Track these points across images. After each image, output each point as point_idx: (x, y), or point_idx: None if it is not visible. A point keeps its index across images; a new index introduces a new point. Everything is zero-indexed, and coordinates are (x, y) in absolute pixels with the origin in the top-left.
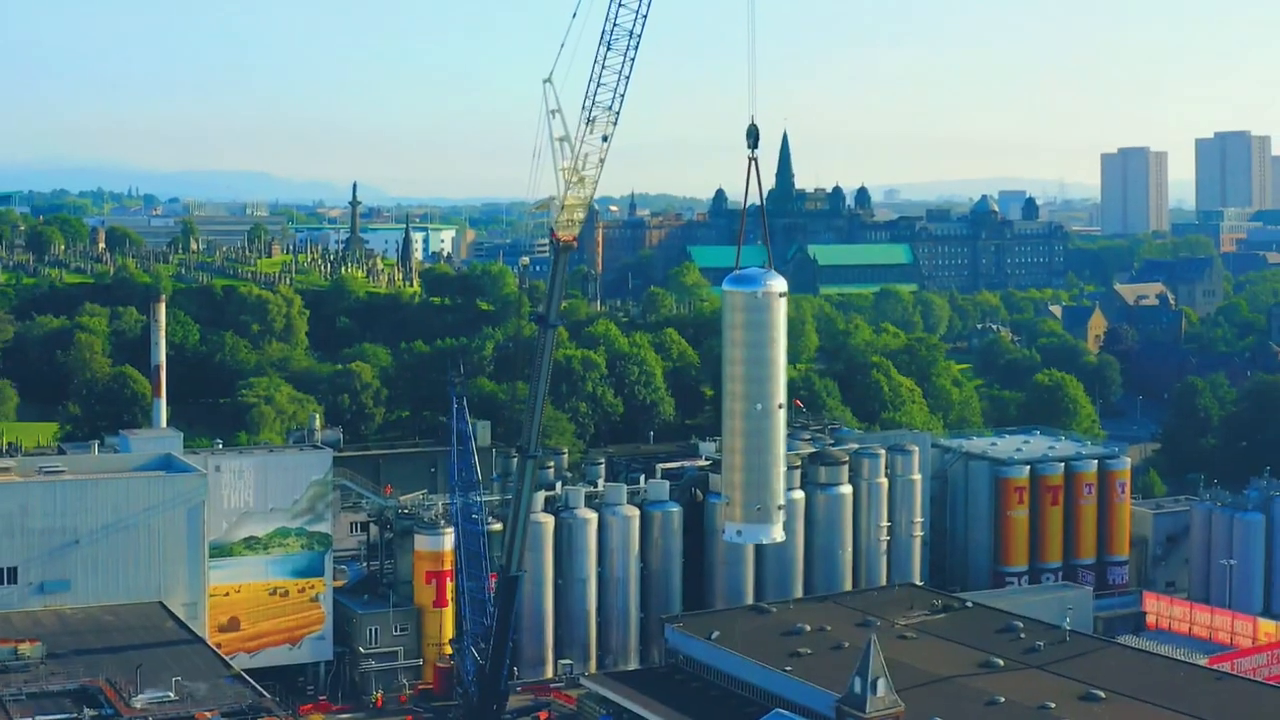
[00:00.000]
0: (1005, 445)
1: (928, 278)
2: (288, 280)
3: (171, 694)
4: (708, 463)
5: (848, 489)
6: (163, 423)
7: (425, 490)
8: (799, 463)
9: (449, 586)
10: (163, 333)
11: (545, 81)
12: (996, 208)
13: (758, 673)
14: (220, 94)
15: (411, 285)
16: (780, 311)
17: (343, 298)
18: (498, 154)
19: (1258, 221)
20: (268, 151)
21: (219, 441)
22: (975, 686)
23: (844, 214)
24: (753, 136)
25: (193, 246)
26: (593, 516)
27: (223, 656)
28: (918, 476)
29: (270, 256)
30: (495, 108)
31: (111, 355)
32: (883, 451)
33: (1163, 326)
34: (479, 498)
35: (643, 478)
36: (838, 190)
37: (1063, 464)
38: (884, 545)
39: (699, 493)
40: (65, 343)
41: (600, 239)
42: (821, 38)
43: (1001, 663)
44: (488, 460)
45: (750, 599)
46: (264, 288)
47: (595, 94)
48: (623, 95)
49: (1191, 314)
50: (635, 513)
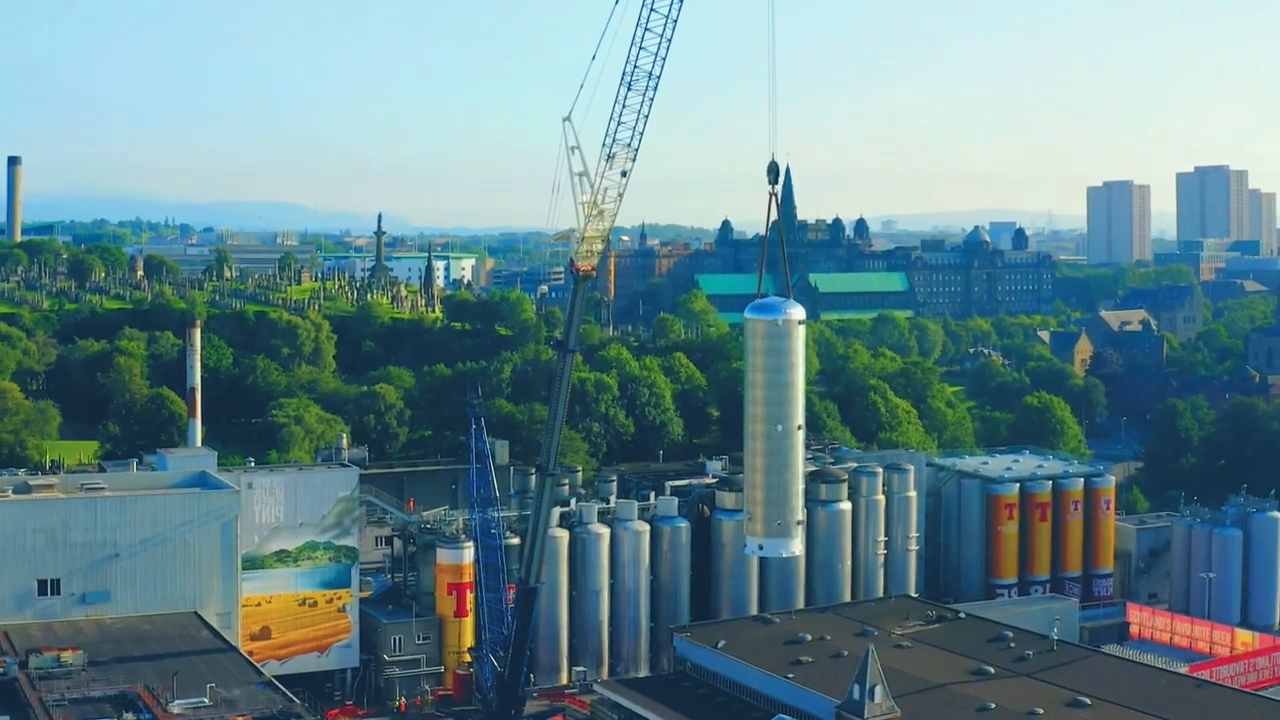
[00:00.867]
0: (996, 464)
1: (923, 304)
2: (316, 306)
3: (206, 700)
4: (714, 480)
5: (847, 505)
6: (198, 442)
7: (446, 506)
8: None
9: (469, 598)
10: (198, 356)
11: (565, 120)
12: (988, 238)
13: (762, 680)
14: (252, 129)
15: (433, 311)
16: (799, 338)
17: (368, 323)
18: (515, 187)
19: (1235, 251)
20: (298, 183)
21: (251, 460)
22: (967, 694)
23: (843, 244)
24: (773, 173)
25: (226, 274)
26: (605, 531)
27: (255, 664)
28: (913, 494)
29: (300, 284)
30: (513, 143)
31: (149, 378)
32: (880, 470)
33: (1145, 351)
34: (497, 514)
35: (653, 495)
36: (838, 221)
37: (1051, 482)
38: (881, 559)
39: (706, 509)
40: (105, 366)
41: (613, 267)
42: (823, 79)
43: (992, 671)
44: (506, 478)
45: (754, 610)
46: (294, 313)
47: (615, 132)
48: (641, 133)
49: (1173, 339)
50: (645, 528)
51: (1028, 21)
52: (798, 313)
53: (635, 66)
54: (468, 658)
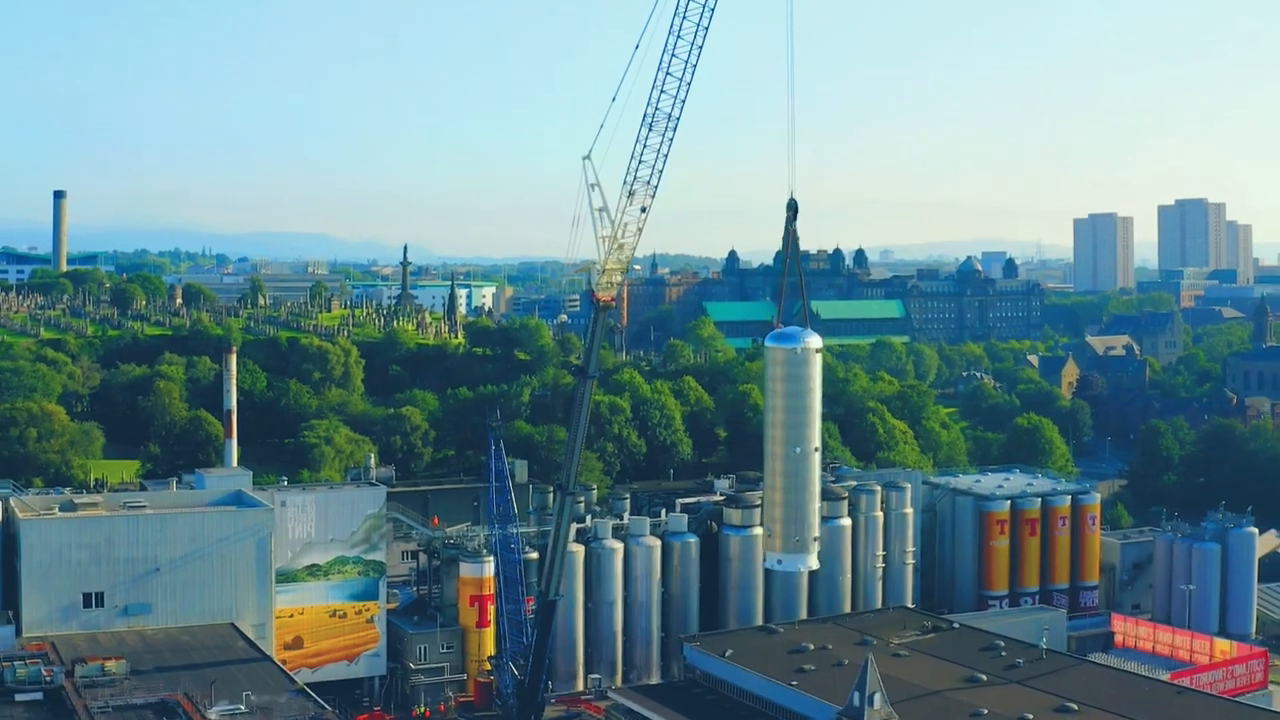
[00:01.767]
0: (988, 482)
1: (918, 330)
2: (345, 332)
3: (242, 707)
4: (722, 498)
5: (847, 521)
6: (234, 461)
7: (469, 522)
8: None
9: (490, 609)
10: (234, 380)
11: (585, 158)
12: (980, 267)
13: (767, 687)
14: (284, 163)
15: (456, 337)
16: (816, 365)
17: (395, 348)
18: (534, 219)
19: (1214, 280)
20: (327, 215)
21: (284, 479)
22: (961, 700)
23: (843, 273)
24: (792, 210)
25: (260, 302)
26: (619, 546)
27: (288, 672)
28: (910, 510)
29: (330, 311)
30: (532, 178)
31: (188, 400)
32: (878, 488)
33: (1129, 374)
34: (516, 529)
35: (663, 511)
36: (838, 251)
37: (1039, 499)
38: (880, 572)
39: (714, 525)
40: (146, 389)
41: (625, 295)
42: (826, 118)
43: (985, 678)
44: (525, 496)
45: (760, 620)
46: (324, 339)
47: (636, 170)
48: (661, 171)
49: (1155, 363)
50: (657, 543)
51: (1018, 64)
52: (815, 341)
53: (657, 109)
54: (488, 666)
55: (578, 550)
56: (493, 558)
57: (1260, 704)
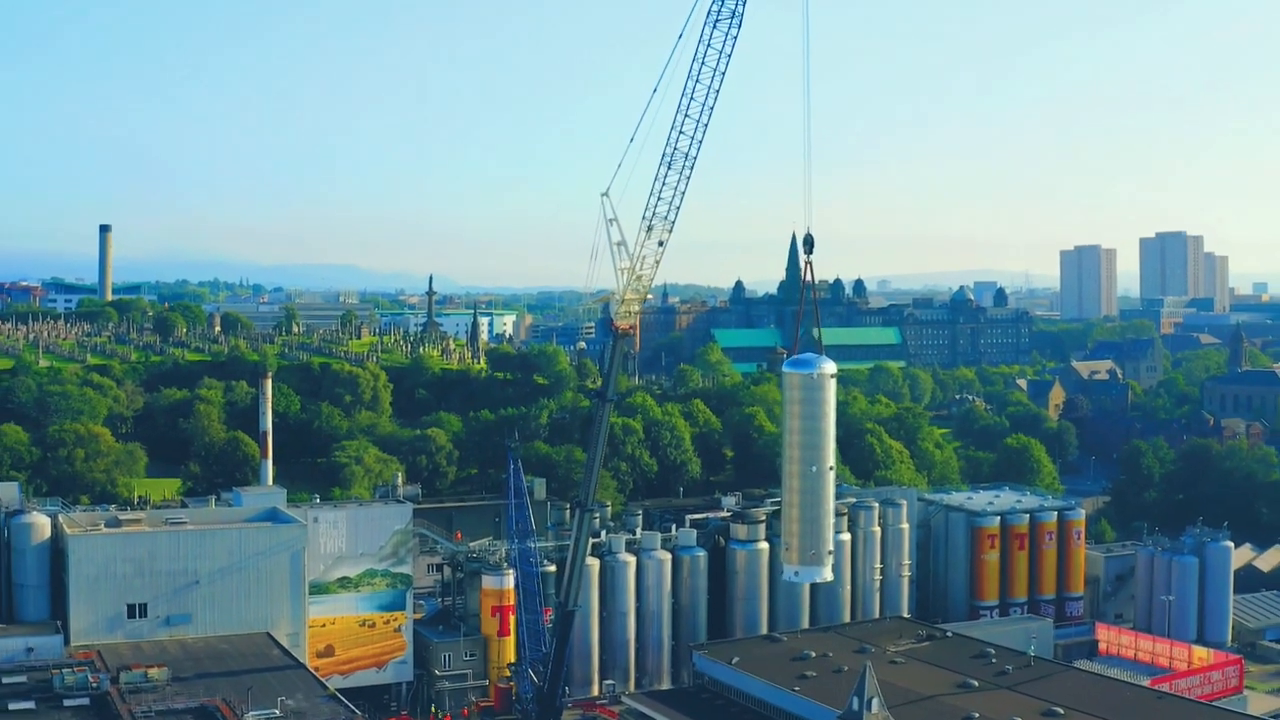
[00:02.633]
0: (979, 499)
1: (914, 356)
2: (374, 358)
3: (277, 711)
4: (729, 514)
5: (847, 536)
6: (269, 480)
7: (490, 537)
8: None
9: (510, 619)
10: (269, 403)
11: (603, 195)
12: (972, 296)
13: (771, 692)
14: (317, 199)
15: (479, 362)
16: (830, 389)
17: (421, 373)
18: (552, 251)
19: (1192, 308)
20: (357, 248)
21: (317, 496)
22: (954, 704)
23: (843, 302)
24: (809, 244)
25: (294, 329)
26: (632, 560)
27: (320, 679)
28: (906, 525)
29: (360, 338)
30: (550, 211)
31: (226, 422)
32: (876, 504)
33: (1112, 397)
34: (534, 544)
35: (674, 527)
36: (838, 281)
37: (1028, 515)
38: (877, 584)
39: (721, 540)
40: (187, 412)
41: (638, 323)
42: (827, 156)
43: (976, 684)
44: (543, 512)
45: (765, 629)
46: (354, 365)
47: (655, 206)
48: (678, 207)
49: (1136, 387)
50: (667, 556)
51: (1007, 106)
52: (830, 367)
53: (675, 149)
54: (508, 672)
55: (593, 564)
56: (513, 570)
57: (1236, 708)
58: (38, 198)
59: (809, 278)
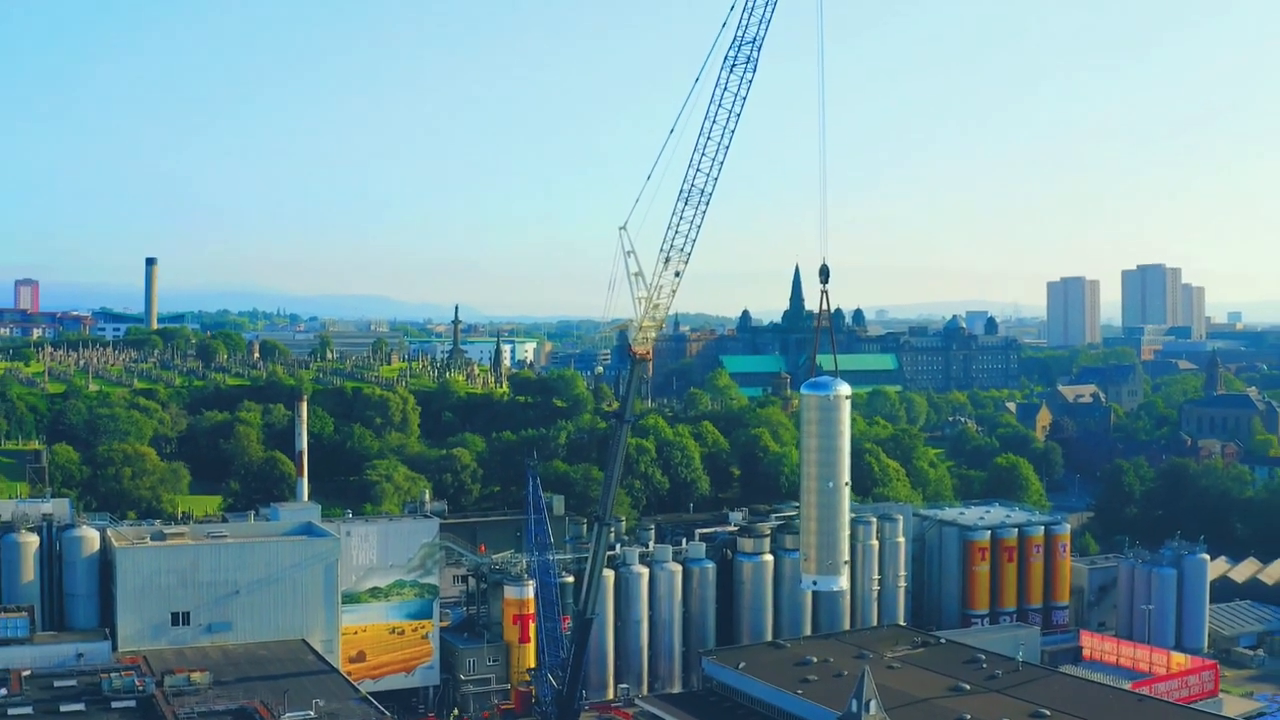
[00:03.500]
0: (971, 514)
1: (910, 381)
2: (403, 383)
3: (312, 713)
4: (736, 529)
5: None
6: (305, 496)
7: (512, 550)
8: None
9: (530, 627)
10: (305, 425)
11: (621, 229)
12: (965, 325)
13: (775, 695)
14: (350, 234)
15: (501, 387)
16: (845, 410)
17: (447, 397)
18: (570, 282)
19: (1171, 336)
20: (388, 279)
21: (349, 512)
22: (947, 706)
23: (843, 330)
24: (824, 275)
25: (328, 356)
26: (645, 571)
27: (352, 683)
28: (902, 539)
29: (390, 364)
30: (569, 246)
31: (264, 443)
32: (874, 519)
33: (1096, 419)
34: (553, 556)
35: (684, 540)
36: (839, 311)
37: (1016, 529)
38: (875, 594)
39: (729, 552)
40: (227, 433)
41: (651, 349)
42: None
43: (968, 687)
44: (562, 527)
45: (769, 636)
46: (385, 389)
47: (672, 239)
48: (694, 240)
49: (1118, 409)
50: (678, 568)
51: (997, 146)
52: (845, 389)
53: (692, 185)
54: (528, 677)
55: (608, 575)
56: (533, 581)
57: (1211, 710)
58: (88, 233)
59: (825, 305)
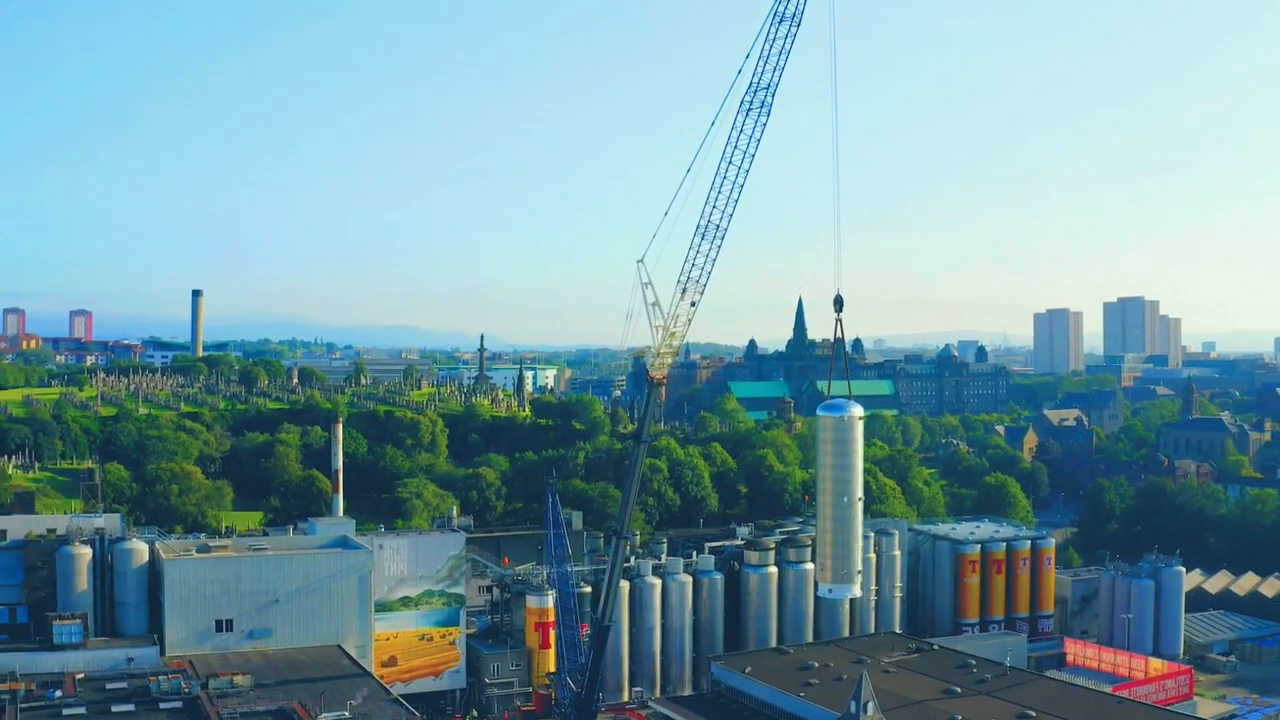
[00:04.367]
0: (962, 529)
1: (905, 405)
2: (432, 406)
3: (347, 713)
4: (743, 542)
5: None
6: (340, 512)
7: (533, 562)
8: (810, 543)
9: (550, 634)
10: (340, 445)
11: (639, 261)
12: (956, 353)
13: (779, 698)
14: (382, 268)
15: (524, 410)
16: (858, 430)
17: (473, 419)
18: (587, 312)
19: (1149, 364)
20: (418, 311)
21: (382, 526)
22: (940, 708)
23: (844, 358)
24: (839, 304)
25: (362, 381)
26: (658, 582)
27: (384, 685)
28: (898, 553)
29: (420, 389)
30: (587, 279)
31: (302, 462)
32: (872, 534)
33: (1079, 442)
34: (571, 568)
35: (694, 553)
36: (839, 340)
37: (1005, 543)
38: (873, 603)
39: (736, 565)
40: (268, 453)
41: (666, 375)
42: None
43: (959, 690)
44: (580, 541)
45: (774, 643)
46: (415, 412)
47: (689, 272)
48: (710, 273)
49: (1100, 432)
50: (689, 579)
51: (988, 185)
52: (858, 411)
53: (709, 221)
54: (548, 680)
55: (623, 585)
56: (553, 591)
57: (1187, 712)
58: (138, 267)
59: (840, 332)
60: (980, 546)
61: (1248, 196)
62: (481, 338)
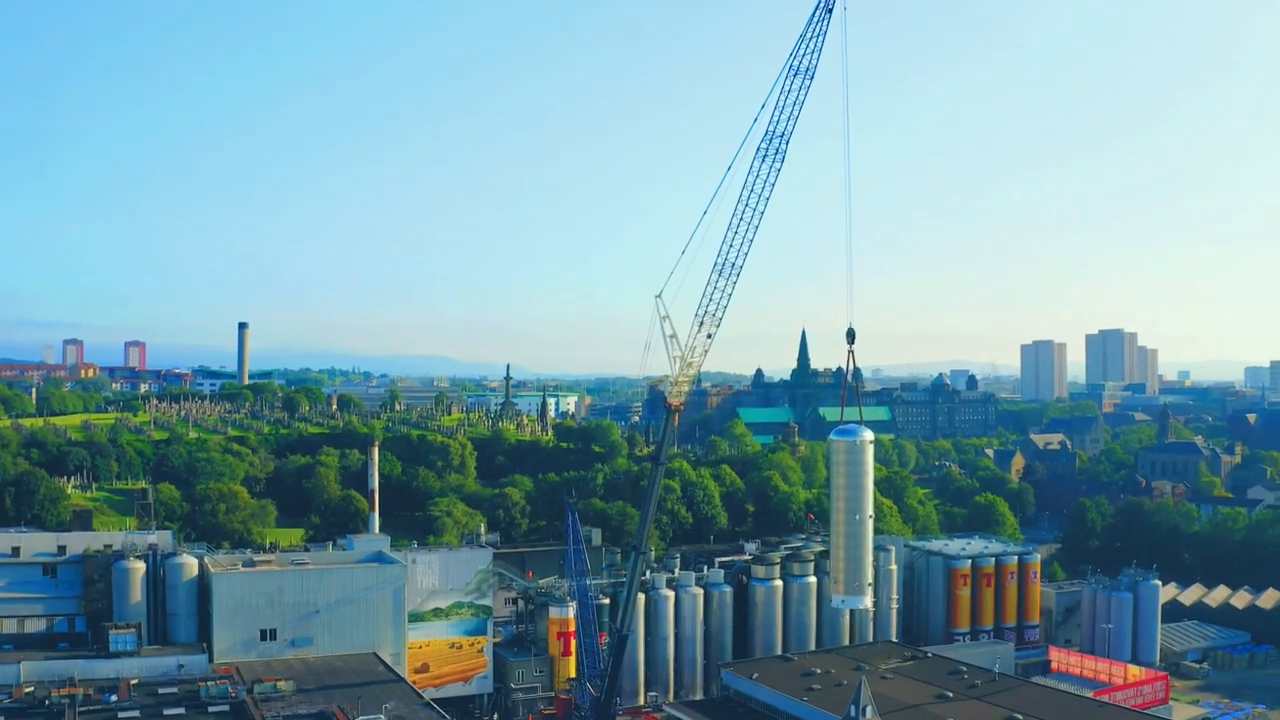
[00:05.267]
0: (954, 545)
1: (901, 430)
2: (462, 431)
3: (383, 717)
4: (750, 557)
5: None
6: (376, 529)
7: (556, 576)
8: (812, 558)
9: (571, 642)
10: (376, 467)
11: (657, 296)
12: (949, 382)
13: (784, 702)
14: (415, 301)
15: (547, 435)
16: (869, 453)
17: (500, 443)
18: (606, 343)
19: (1128, 392)
20: (447, 341)
21: (415, 542)
22: (934, 712)
23: (845, 385)
24: (850, 337)
25: (397, 408)
26: (671, 594)
27: (417, 691)
28: (894, 567)
29: (450, 415)
30: (605, 312)
31: (341, 483)
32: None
33: (1063, 464)
34: (590, 582)
35: (705, 568)
36: (840, 369)
37: (994, 558)
38: (871, 614)
39: (744, 578)
40: (309, 474)
41: (684, 401)
42: (831, 266)
43: (951, 695)
44: (599, 556)
45: (779, 650)
46: (446, 436)
47: (706, 306)
48: (726, 307)
49: (1083, 455)
50: (700, 592)
51: (979, 223)
52: (868, 435)
53: (725, 259)
54: (569, 685)
55: (640, 597)
56: (574, 603)
57: (1163, 715)
58: (189, 300)
59: (851, 363)
60: (971, 561)
61: (1215, 239)
62: (508, 367)
